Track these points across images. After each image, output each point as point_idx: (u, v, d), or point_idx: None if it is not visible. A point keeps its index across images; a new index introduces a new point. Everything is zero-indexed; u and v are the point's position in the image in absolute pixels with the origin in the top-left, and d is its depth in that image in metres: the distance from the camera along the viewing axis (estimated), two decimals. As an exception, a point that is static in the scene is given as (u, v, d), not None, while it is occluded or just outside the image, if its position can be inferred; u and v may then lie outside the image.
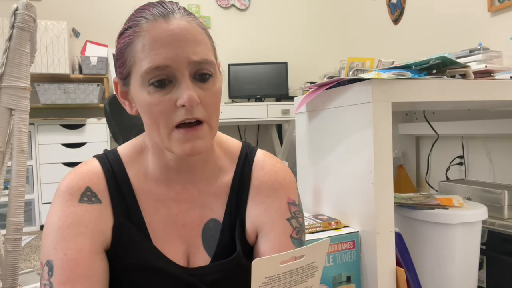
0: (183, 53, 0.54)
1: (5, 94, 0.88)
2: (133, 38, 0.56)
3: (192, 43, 0.55)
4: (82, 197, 0.59)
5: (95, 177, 0.61)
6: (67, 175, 0.62)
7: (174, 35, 0.54)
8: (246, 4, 3.50)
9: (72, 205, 0.58)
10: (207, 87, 0.56)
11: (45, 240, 0.57)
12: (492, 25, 2.07)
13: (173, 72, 0.54)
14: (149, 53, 0.54)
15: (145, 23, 0.55)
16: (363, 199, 0.85)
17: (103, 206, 0.60)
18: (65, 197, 0.59)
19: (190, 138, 0.55)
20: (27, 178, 1.89)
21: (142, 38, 0.55)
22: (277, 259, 0.38)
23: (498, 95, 0.96)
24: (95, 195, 0.60)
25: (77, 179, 0.60)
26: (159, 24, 0.55)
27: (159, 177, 0.63)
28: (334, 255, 0.83)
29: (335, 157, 0.96)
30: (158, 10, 0.56)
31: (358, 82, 0.85)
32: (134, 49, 0.55)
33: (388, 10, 2.92)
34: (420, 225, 1.05)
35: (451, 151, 2.09)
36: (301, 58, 3.59)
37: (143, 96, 0.55)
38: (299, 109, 1.10)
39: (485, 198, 1.40)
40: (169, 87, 0.54)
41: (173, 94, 0.54)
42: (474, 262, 1.07)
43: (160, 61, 0.53)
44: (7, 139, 0.90)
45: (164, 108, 0.54)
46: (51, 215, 0.59)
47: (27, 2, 0.86)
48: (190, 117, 0.54)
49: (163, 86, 0.54)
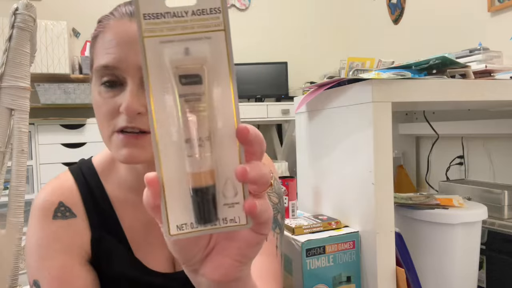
0: (134, 57, 0.50)
1: (5, 94, 0.88)
2: (97, 33, 0.54)
3: None
4: (55, 213, 0.58)
5: (68, 191, 0.60)
6: (40, 191, 0.60)
7: (130, 37, 0.51)
8: (246, 4, 3.50)
9: (46, 222, 0.57)
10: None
11: (28, 261, 0.56)
12: (492, 25, 2.07)
13: (122, 74, 0.51)
14: (104, 50, 0.52)
15: (112, 20, 0.54)
16: (363, 199, 0.85)
17: (79, 220, 0.59)
18: (39, 215, 0.57)
19: (128, 145, 0.51)
20: (27, 178, 1.89)
21: (103, 34, 0.53)
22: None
23: (498, 95, 0.96)
24: (68, 209, 0.59)
25: (49, 195, 0.59)
26: (123, 23, 0.52)
27: (133, 184, 0.61)
28: (334, 255, 0.83)
29: (335, 157, 0.96)
30: (128, 8, 0.54)
31: (358, 82, 0.85)
32: (96, 44, 0.54)
33: (388, 10, 2.92)
34: (420, 225, 1.05)
35: (451, 151, 2.09)
36: (301, 58, 3.59)
37: (95, 95, 0.54)
38: (299, 109, 1.10)
39: (485, 198, 1.40)
40: (118, 90, 0.52)
41: (119, 97, 0.51)
42: (474, 262, 1.07)
43: (109, 61, 0.51)
44: (7, 139, 0.90)
45: (108, 111, 0.52)
46: (29, 234, 0.57)
47: (27, 2, 0.86)
48: (131, 125, 0.50)
49: (113, 87, 0.52)
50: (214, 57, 0.28)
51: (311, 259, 0.80)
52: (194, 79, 0.28)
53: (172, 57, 0.27)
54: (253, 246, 0.34)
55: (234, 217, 0.29)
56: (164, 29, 0.27)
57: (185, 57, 0.27)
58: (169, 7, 0.27)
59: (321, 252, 0.81)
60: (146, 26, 0.27)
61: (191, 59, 0.28)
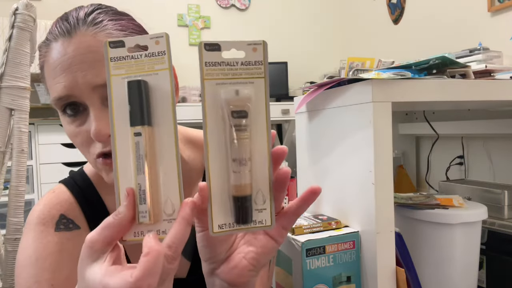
0: (83, 78, 0.47)
1: (5, 94, 0.88)
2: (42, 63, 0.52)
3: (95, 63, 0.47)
4: (58, 225, 0.55)
5: (67, 203, 0.58)
6: (34, 207, 0.57)
7: (72, 58, 0.47)
8: (246, 4, 3.50)
9: (48, 235, 0.54)
10: None
11: (21, 277, 0.52)
12: (492, 25, 2.07)
13: (78, 100, 0.48)
14: (52, 81, 0.49)
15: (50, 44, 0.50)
16: (363, 199, 0.85)
17: (83, 231, 0.57)
18: (38, 228, 0.54)
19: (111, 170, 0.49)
20: (27, 178, 1.89)
21: (47, 62, 0.50)
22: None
23: (498, 95, 0.96)
24: (71, 221, 0.57)
25: (47, 209, 0.56)
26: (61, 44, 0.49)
27: None
28: (334, 255, 0.83)
29: (335, 157, 0.96)
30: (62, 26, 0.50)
31: (358, 82, 0.85)
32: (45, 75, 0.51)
33: (388, 10, 2.92)
34: (420, 225, 1.05)
35: (451, 151, 2.09)
36: (301, 58, 3.59)
37: (64, 125, 0.51)
38: (299, 109, 1.10)
39: (485, 198, 1.40)
40: (83, 115, 0.49)
41: (88, 123, 0.49)
42: (474, 262, 1.07)
43: (61, 92, 0.48)
44: (7, 139, 0.90)
45: (81, 141, 0.50)
46: (23, 249, 0.54)
47: (27, 2, 0.86)
48: (106, 150, 0.48)
49: (76, 114, 0.49)
50: (256, 97, 0.37)
51: (311, 259, 0.80)
52: (243, 114, 0.36)
53: (226, 96, 0.36)
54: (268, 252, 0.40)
55: (262, 219, 0.37)
56: (219, 74, 0.36)
57: (236, 97, 0.36)
58: (224, 58, 0.36)
59: (321, 252, 0.81)
60: (206, 71, 0.36)
61: (240, 98, 0.36)
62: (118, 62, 0.36)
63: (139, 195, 0.35)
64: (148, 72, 0.36)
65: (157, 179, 0.36)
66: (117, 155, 0.36)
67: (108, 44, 0.36)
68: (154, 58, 0.36)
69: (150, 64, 0.36)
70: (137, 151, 0.35)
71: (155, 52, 0.36)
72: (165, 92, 0.36)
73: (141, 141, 0.35)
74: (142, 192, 0.35)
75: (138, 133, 0.35)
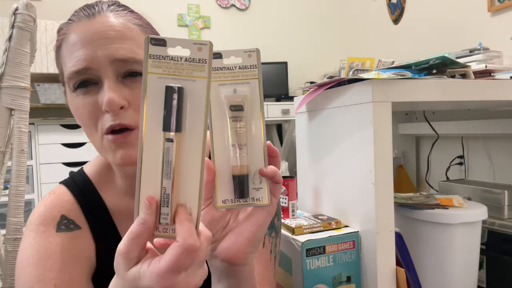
0: (104, 51, 0.49)
1: (5, 94, 0.88)
2: (60, 42, 0.53)
3: (116, 39, 0.50)
4: (59, 226, 0.55)
5: (67, 204, 0.58)
6: (35, 208, 0.58)
7: (94, 34, 0.50)
8: (246, 4, 3.50)
9: (50, 235, 0.54)
10: (138, 86, 0.51)
11: (22, 277, 0.52)
12: (492, 25, 2.07)
13: (95, 73, 0.50)
14: (71, 56, 0.50)
15: (71, 25, 0.52)
16: (363, 199, 0.85)
17: (84, 231, 0.57)
18: (39, 229, 0.55)
19: (121, 146, 0.50)
20: (27, 178, 1.89)
21: (67, 40, 0.51)
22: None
23: (498, 95, 0.96)
24: (72, 222, 0.57)
25: (48, 210, 0.57)
26: (82, 24, 0.51)
27: (129, 191, 0.60)
28: (334, 255, 0.83)
29: (335, 157, 0.96)
30: (86, 9, 0.53)
31: (358, 82, 0.85)
32: (62, 53, 0.52)
33: (388, 10, 2.92)
34: (420, 225, 1.05)
35: (451, 151, 2.09)
36: (301, 58, 3.59)
37: (73, 102, 0.52)
38: (299, 109, 1.10)
39: (485, 198, 1.40)
40: (95, 90, 0.50)
41: (99, 97, 0.50)
42: (474, 262, 1.07)
43: (80, 64, 0.49)
44: (7, 139, 0.90)
45: (91, 113, 0.50)
46: (24, 249, 0.54)
47: (27, 2, 0.86)
48: (115, 123, 0.49)
49: (88, 88, 0.50)
50: (251, 95, 0.43)
51: (311, 259, 0.80)
52: (239, 107, 0.42)
53: (226, 94, 0.42)
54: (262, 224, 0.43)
55: (259, 197, 0.43)
56: (221, 76, 0.42)
57: (234, 94, 0.42)
58: (224, 63, 0.42)
59: (321, 252, 0.81)
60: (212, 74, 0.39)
61: (237, 95, 0.42)
62: (157, 60, 0.36)
63: (163, 198, 0.36)
64: (185, 77, 0.36)
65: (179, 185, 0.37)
66: (142, 157, 0.36)
67: (149, 40, 0.36)
68: (194, 64, 0.36)
69: (189, 70, 0.36)
70: (166, 156, 0.36)
71: (196, 59, 0.36)
72: (200, 100, 0.36)
73: (172, 147, 0.36)
74: (166, 196, 0.36)
75: (170, 139, 0.36)
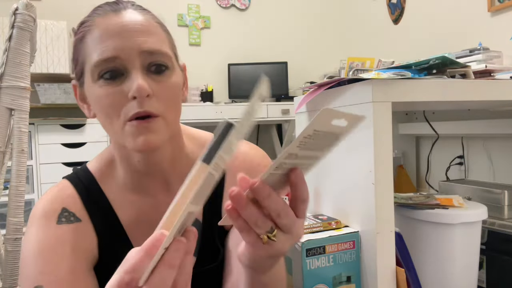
0: (133, 43, 0.52)
1: (5, 94, 0.88)
2: (84, 33, 0.54)
3: (143, 33, 0.53)
4: (59, 218, 0.57)
5: (69, 197, 0.59)
6: (38, 201, 0.59)
7: (123, 26, 0.52)
8: (246, 4, 3.50)
9: (50, 228, 0.56)
10: (162, 79, 0.54)
11: (26, 268, 0.54)
12: (492, 25, 2.07)
13: (123, 63, 0.51)
14: (98, 46, 0.52)
15: (96, 18, 0.54)
16: (363, 199, 0.85)
17: (84, 224, 0.58)
18: (41, 221, 0.56)
19: (143, 131, 0.52)
20: (27, 178, 1.89)
21: (92, 32, 0.53)
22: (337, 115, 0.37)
23: (498, 95, 0.96)
24: (73, 214, 0.58)
25: (50, 203, 0.58)
26: (110, 17, 0.53)
27: (133, 186, 0.61)
28: (334, 255, 0.83)
29: (335, 157, 0.96)
30: (109, 6, 0.55)
31: (358, 82, 0.85)
32: (85, 45, 0.54)
33: (388, 10, 2.92)
34: (420, 225, 1.05)
35: (451, 151, 2.09)
36: (301, 58, 3.59)
37: (95, 91, 0.53)
38: (299, 109, 1.10)
39: (485, 198, 1.40)
40: (120, 79, 0.52)
41: (124, 86, 0.52)
42: (474, 262, 1.07)
43: (109, 53, 0.51)
44: (7, 139, 0.90)
45: (115, 101, 0.52)
46: (28, 241, 0.56)
47: (27, 2, 0.86)
48: (141, 110, 0.51)
49: (114, 78, 0.52)
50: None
51: (311, 259, 0.80)
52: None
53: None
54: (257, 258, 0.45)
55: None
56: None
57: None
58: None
59: (321, 252, 0.81)
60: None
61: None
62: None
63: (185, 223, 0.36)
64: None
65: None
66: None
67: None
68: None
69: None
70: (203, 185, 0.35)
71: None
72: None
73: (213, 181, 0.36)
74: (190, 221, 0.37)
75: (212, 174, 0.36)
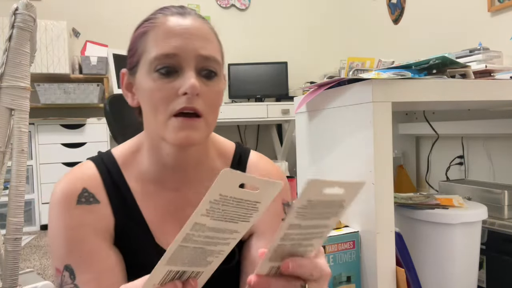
0: (193, 45, 0.56)
1: (5, 94, 0.88)
2: (148, 28, 0.58)
3: (202, 39, 0.58)
4: (79, 198, 0.58)
5: (91, 178, 0.61)
6: (61, 179, 0.61)
7: (186, 29, 0.57)
8: (246, 4, 3.50)
9: (71, 208, 0.58)
10: (210, 84, 0.58)
11: (55, 247, 0.57)
12: (492, 25, 2.07)
13: (180, 61, 0.55)
14: (160, 41, 0.56)
15: (162, 17, 0.58)
16: (363, 199, 0.85)
17: (102, 205, 0.60)
18: (62, 201, 0.58)
19: (186, 127, 0.55)
20: (27, 178, 1.89)
21: (157, 28, 0.57)
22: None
23: (498, 95, 0.96)
24: (92, 195, 0.59)
25: (72, 182, 0.59)
26: (176, 18, 0.58)
27: (155, 177, 0.63)
28: (334, 255, 0.83)
29: (335, 157, 0.96)
30: (176, 9, 0.60)
31: (358, 82, 0.85)
32: (147, 38, 0.58)
33: (388, 10, 2.92)
34: (420, 225, 1.05)
35: (451, 151, 2.09)
36: (301, 58, 3.59)
37: (148, 83, 0.57)
38: (299, 109, 1.10)
39: (485, 198, 1.40)
40: (174, 76, 0.56)
41: (177, 82, 0.55)
42: (474, 262, 1.07)
43: (170, 49, 0.55)
44: (7, 139, 0.90)
45: (165, 95, 0.55)
46: (52, 221, 0.58)
47: (27, 2, 0.86)
48: (190, 106, 0.55)
49: (168, 74, 0.56)
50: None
51: (311, 259, 0.80)
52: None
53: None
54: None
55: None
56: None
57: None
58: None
59: (321, 252, 0.81)
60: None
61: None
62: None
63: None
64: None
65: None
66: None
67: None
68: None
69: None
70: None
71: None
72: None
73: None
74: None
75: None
